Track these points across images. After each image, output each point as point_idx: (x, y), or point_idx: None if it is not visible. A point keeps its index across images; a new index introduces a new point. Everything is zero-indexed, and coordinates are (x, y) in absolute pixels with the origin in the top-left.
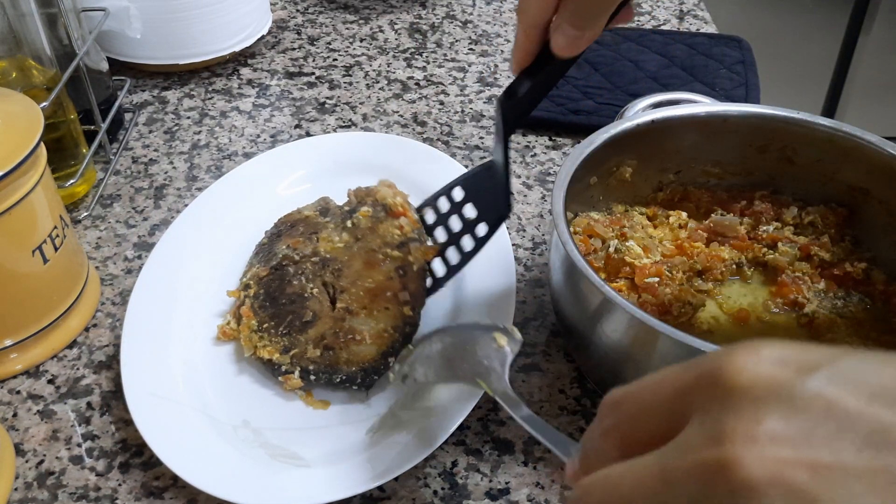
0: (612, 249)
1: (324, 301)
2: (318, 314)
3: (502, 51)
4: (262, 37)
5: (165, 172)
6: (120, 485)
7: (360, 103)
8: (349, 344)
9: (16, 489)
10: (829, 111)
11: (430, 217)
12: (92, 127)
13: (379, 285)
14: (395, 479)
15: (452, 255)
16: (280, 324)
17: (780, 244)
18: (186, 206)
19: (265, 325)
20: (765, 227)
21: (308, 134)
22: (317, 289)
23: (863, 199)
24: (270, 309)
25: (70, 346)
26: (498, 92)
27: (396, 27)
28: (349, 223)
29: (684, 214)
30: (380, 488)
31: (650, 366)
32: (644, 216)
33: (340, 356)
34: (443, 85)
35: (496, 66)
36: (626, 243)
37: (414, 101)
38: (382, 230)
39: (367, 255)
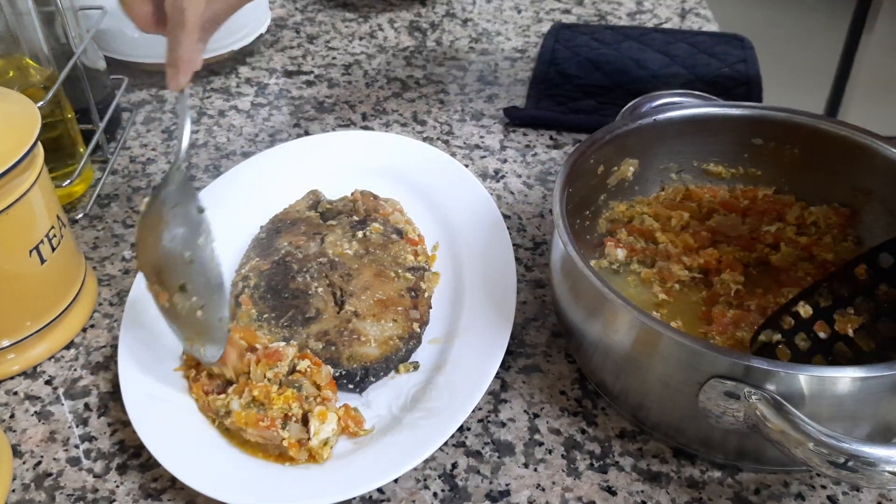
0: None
1: (328, 300)
2: (321, 312)
3: (502, 49)
4: (261, 35)
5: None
6: (118, 486)
7: (360, 102)
8: (353, 343)
9: (13, 490)
10: (831, 110)
11: None
12: (89, 126)
13: (390, 298)
14: (395, 480)
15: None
16: (281, 315)
17: (782, 244)
18: None
19: (265, 315)
20: (767, 227)
21: (307, 133)
22: (321, 288)
23: (865, 200)
24: (272, 301)
25: (67, 347)
26: (498, 91)
27: (396, 25)
28: (360, 234)
29: (686, 215)
30: (379, 490)
31: (651, 367)
32: (647, 216)
33: (343, 353)
34: (443, 84)
35: (496, 64)
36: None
37: (413, 100)
38: (395, 250)
39: (379, 268)
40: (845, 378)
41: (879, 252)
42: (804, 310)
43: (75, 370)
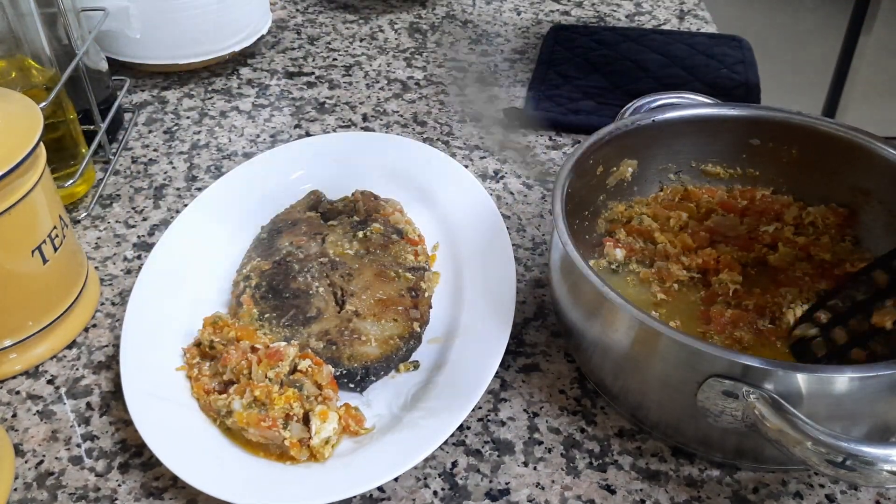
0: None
1: (329, 300)
2: (322, 311)
3: (502, 50)
4: (262, 36)
5: (165, 172)
6: (119, 485)
7: (360, 103)
8: (354, 343)
9: (15, 489)
10: (829, 111)
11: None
12: (91, 127)
13: (390, 298)
14: (395, 479)
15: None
16: (282, 315)
17: (780, 244)
18: (186, 206)
19: (266, 315)
20: (765, 227)
21: (308, 134)
22: (322, 287)
23: (863, 200)
24: (273, 301)
25: (69, 347)
26: (498, 91)
27: (396, 27)
28: (360, 234)
29: (684, 215)
30: (380, 488)
31: (650, 366)
32: (646, 216)
33: (343, 352)
34: (443, 85)
35: (496, 65)
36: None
37: (414, 101)
38: (396, 250)
39: (379, 268)
40: (843, 377)
41: None
42: (841, 304)
43: (77, 370)
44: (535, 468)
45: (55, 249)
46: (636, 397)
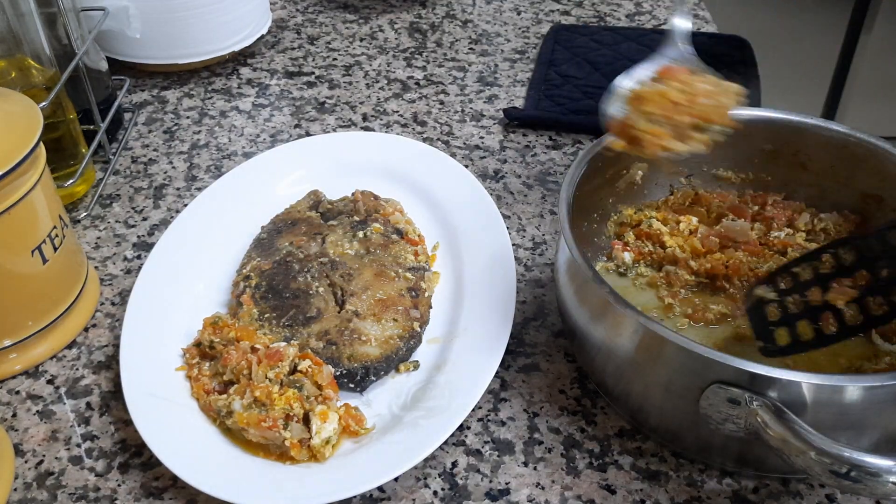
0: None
1: (329, 300)
2: (322, 311)
3: (502, 50)
4: (262, 36)
5: (165, 172)
6: (119, 485)
7: (360, 103)
8: (354, 343)
9: (15, 489)
10: (829, 111)
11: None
12: (91, 127)
13: (390, 298)
14: (395, 479)
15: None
16: (282, 315)
17: (790, 250)
18: (186, 206)
19: (266, 315)
20: (776, 233)
21: (308, 133)
22: (322, 287)
23: (876, 207)
24: (273, 300)
25: (69, 347)
26: (498, 91)
27: (396, 27)
28: (361, 234)
29: (694, 220)
30: (380, 488)
31: (654, 371)
32: (656, 220)
33: (343, 352)
34: (443, 84)
35: (496, 65)
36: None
37: (414, 101)
38: (396, 250)
39: (379, 268)
40: (848, 387)
41: (891, 229)
42: (803, 272)
43: (77, 369)
44: (535, 468)
45: (55, 249)
46: (638, 401)
